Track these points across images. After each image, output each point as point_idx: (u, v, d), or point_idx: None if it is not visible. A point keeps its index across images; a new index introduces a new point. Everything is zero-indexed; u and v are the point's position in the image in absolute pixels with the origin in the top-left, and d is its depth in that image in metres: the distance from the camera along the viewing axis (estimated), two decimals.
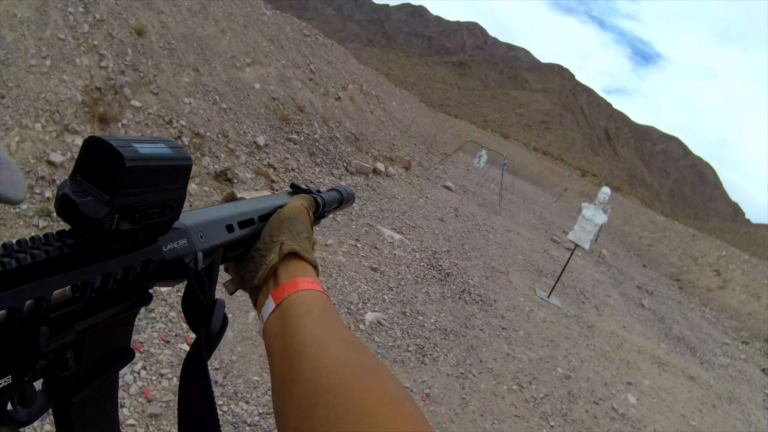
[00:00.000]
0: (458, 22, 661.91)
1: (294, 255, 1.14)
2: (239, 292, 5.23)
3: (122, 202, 0.72)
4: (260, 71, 16.56)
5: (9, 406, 0.73)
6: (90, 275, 0.74)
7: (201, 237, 1.03)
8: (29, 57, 9.01)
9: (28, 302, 0.65)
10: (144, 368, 5.55)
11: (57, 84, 9.15)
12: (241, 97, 14.52)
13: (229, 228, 1.12)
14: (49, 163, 7.96)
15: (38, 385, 0.80)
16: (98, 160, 0.71)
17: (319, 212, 1.44)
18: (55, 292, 0.69)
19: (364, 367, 0.84)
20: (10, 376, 0.68)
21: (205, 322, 0.92)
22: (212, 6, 15.82)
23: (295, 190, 1.44)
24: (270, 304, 1.04)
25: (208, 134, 11.93)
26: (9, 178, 0.75)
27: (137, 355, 5.63)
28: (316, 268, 1.17)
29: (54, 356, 0.75)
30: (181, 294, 0.94)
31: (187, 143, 11.10)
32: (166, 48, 12.59)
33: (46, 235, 0.71)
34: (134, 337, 5.85)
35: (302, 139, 15.87)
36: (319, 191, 1.47)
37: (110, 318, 0.83)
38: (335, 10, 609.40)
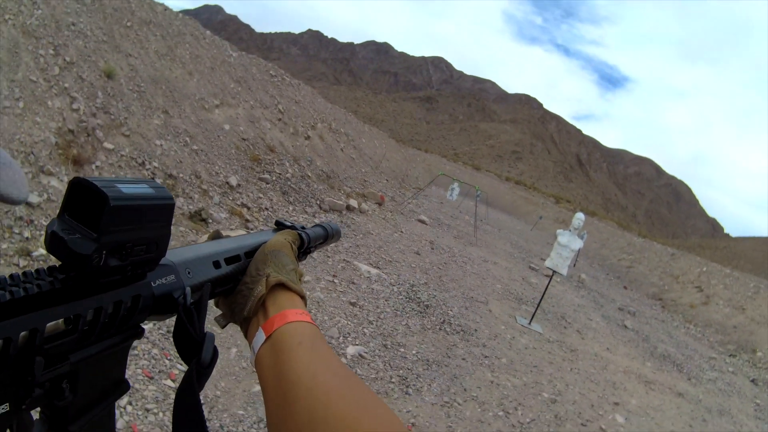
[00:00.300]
0: (423, 57, 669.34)
1: (281, 286, 1.15)
2: (223, 330, 5.22)
3: (109, 239, 0.74)
4: (229, 112, 16.63)
5: None
6: (82, 309, 0.76)
7: (189, 273, 1.04)
8: (2, 98, 9.07)
9: (23, 333, 0.66)
10: (130, 403, 5.58)
11: (31, 126, 9.20)
12: (212, 138, 14.55)
13: (216, 264, 1.14)
14: (27, 204, 7.96)
15: (37, 415, 0.82)
16: (84, 200, 0.74)
17: (304, 247, 1.45)
18: (49, 324, 0.70)
19: (357, 400, 0.84)
20: (7, 404, 0.68)
21: (196, 354, 0.94)
22: (179, 48, 15.89)
23: (280, 226, 1.45)
24: (261, 336, 1.04)
25: (181, 175, 11.94)
26: (12, 178, 0.80)
27: None
28: (303, 298, 1.18)
29: (50, 386, 0.76)
30: (164, 331, 0.93)
31: (159, 184, 11.09)
32: (136, 90, 12.65)
33: (38, 270, 0.73)
34: None
35: (274, 178, 15.91)
36: (303, 227, 1.50)
37: (104, 350, 0.84)
38: (300, 49, 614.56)
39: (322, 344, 1.01)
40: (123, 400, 5.54)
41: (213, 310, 1.15)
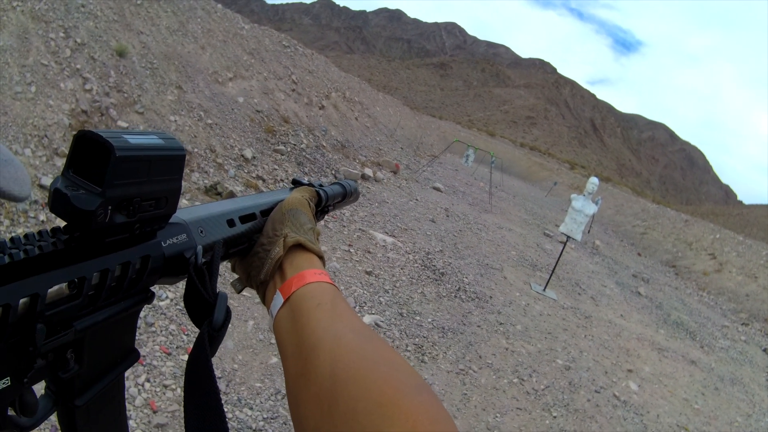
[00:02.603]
0: (436, 23, 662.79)
1: (299, 247, 1.13)
2: (237, 300, 5.24)
3: (115, 194, 0.71)
4: (243, 85, 16.59)
5: (10, 411, 0.72)
6: (86, 271, 0.73)
7: (201, 232, 1.01)
8: (14, 84, 9.00)
9: (23, 300, 0.64)
10: (148, 380, 5.57)
11: (43, 109, 9.15)
12: (226, 111, 14.54)
13: (230, 222, 1.11)
14: (41, 187, 7.93)
15: (42, 389, 0.81)
16: (89, 153, 0.71)
17: (322, 205, 1.41)
18: (51, 289, 0.68)
19: (380, 359, 0.83)
20: (9, 378, 0.67)
21: (208, 316, 0.91)
22: (190, 23, 15.84)
23: (296, 184, 1.41)
24: (279, 299, 1.03)
25: (196, 150, 11.95)
26: (13, 175, 0.76)
27: (140, 368, 5.69)
28: (322, 258, 1.16)
29: (54, 356, 0.74)
30: (181, 307, 0.95)
31: None
32: (149, 68, 12.62)
33: (40, 232, 0.71)
34: None
35: (289, 149, 15.90)
36: (321, 185, 1.45)
37: (111, 316, 0.81)
38: (313, 19, 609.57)
39: (343, 304, 0.99)
40: (141, 377, 5.57)
41: (230, 276, 1.19)
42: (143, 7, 14.02)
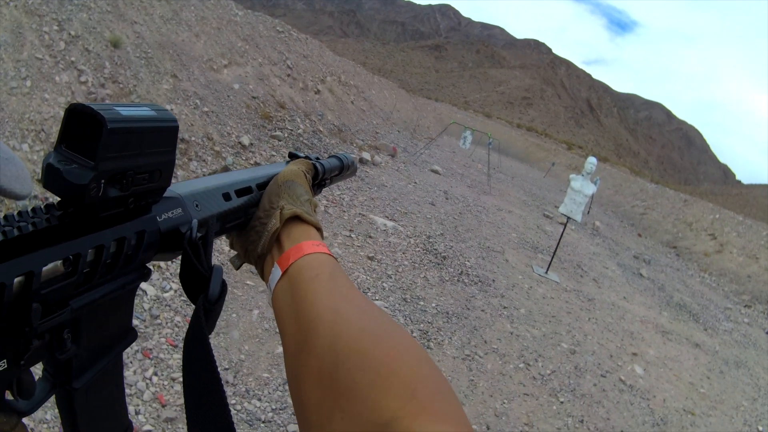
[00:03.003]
0: (430, 5, 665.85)
1: (296, 219, 1.12)
2: (241, 289, 5.17)
3: (107, 167, 0.71)
4: (238, 71, 16.59)
5: (9, 396, 0.71)
6: (81, 248, 0.72)
7: (197, 206, 1.01)
8: (9, 79, 9.02)
9: (18, 278, 0.63)
10: (155, 374, 5.58)
11: (39, 103, 9.15)
12: (222, 98, 14.54)
13: (226, 196, 1.11)
14: (40, 182, 7.93)
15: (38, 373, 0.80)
16: (81, 127, 0.70)
17: (319, 179, 1.41)
18: (47, 267, 0.67)
19: (380, 330, 0.83)
20: (5, 360, 0.66)
21: (204, 290, 0.90)
22: (184, 11, 15.83)
23: (293, 157, 1.40)
24: (276, 272, 1.02)
25: (193, 138, 11.94)
26: (14, 173, 0.75)
27: (148, 361, 5.70)
28: (319, 230, 1.15)
29: (50, 337, 0.72)
30: (185, 298, 0.89)
31: None
32: (143, 57, 12.60)
33: (33, 209, 0.70)
34: (143, 344, 5.95)
35: (286, 135, 15.90)
36: (318, 158, 1.44)
37: (108, 294, 0.81)
38: (306, 4, 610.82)
39: (342, 276, 0.99)
40: (148, 371, 5.56)
41: (228, 253, 1.13)
42: None
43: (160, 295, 6.79)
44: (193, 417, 0.82)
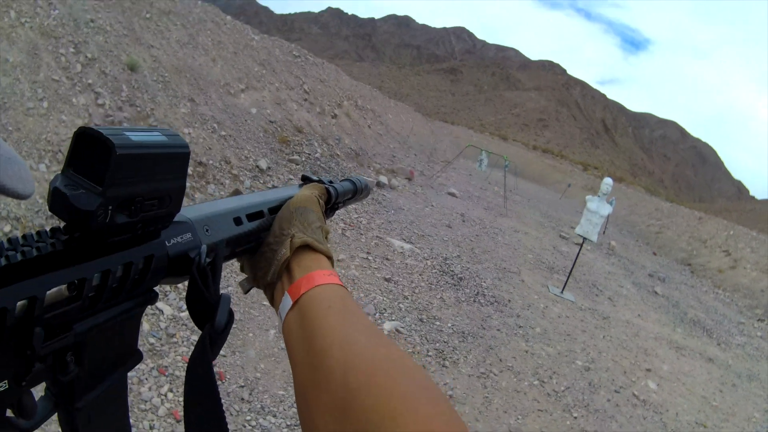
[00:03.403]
0: (445, 28, 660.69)
1: (307, 247, 1.10)
2: (257, 309, 5.28)
3: (116, 193, 0.70)
4: (255, 96, 16.65)
5: (9, 413, 0.70)
6: (87, 272, 0.71)
7: (207, 230, 0.99)
8: (26, 100, 9.06)
9: (21, 303, 0.62)
10: (170, 390, 5.61)
11: (56, 125, 9.20)
12: (239, 123, 14.59)
13: (237, 221, 1.09)
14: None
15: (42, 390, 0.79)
16: (90, 151, 0.70)
17: (332, 203, 1.38)
18: (50, 291, 0.66)
19: (394, 366, 0.81)
20: (6, 381, 0.66)
21: (210, 317, 0.89)
22: (200, 36, 15.92)
23: (306, 180, 1.39)
24: (287, 301, 1.01)
25: (211, 162, 12.00)
26: (17, 173, 0.74)
27: (163, 378, 5.74)
28: (330, 258, 1.13)
29: (53, 359, 0.72)
30: None
31: (191, 172, 11.11)
32: (160, 81, 12.68)
33: (39, 232, 0.70)
34: (159, 361, 6.00)
35: (303, 159, 15.93)
36: (331, 182, 1.42)
37: (112, 318, 0.80)
38: (321, 28, 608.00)
39: (354, 307, 0.97)
40: (164, 387, 5.61)
41: (239, 275, 1.20)
42: (152, 20, 14.12)
43: (177, 315, 6.89)
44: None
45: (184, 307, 6.96)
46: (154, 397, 5.46)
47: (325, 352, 0.86)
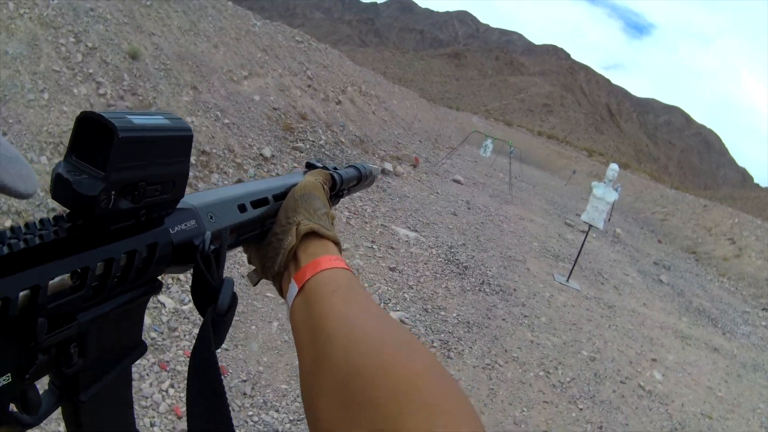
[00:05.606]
0: (448, 12, 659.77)
1: (313, 234, 1.10)
2: (261, 301, 5.23)
3: (118, 178, 0.69)
4: (258, 82, 16.62)
5: (13, 408, 0.69)
6: (90, 261, 0.70)
7: (211, 217, 0.98)
8: (26, 92, 9.04)
9: (23, 292, 0.61)
10: (172, 386, 5.57)
11: (57, 116, 9.17)
12: (242, 110, 14.57)
13: (242, 208, 1.08)
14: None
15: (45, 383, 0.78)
16: (92, 136, 0.69)
17: (336, 189, 1.38)
18: (53, 280, 0.65)
19: (399, 346, 0.80)
20: (9, 374, 0.64)
21: (213, 302, 0.89)
22: (202, 22, 15.87)
23: (310, 167, 1.37)
24: (293, 288, 1.00)
25: (214, 150, 11.97)
26: (19, 172, 0.74)
27: (164, 373, 5.70)
28: (337, 244, 1.13)
29: (56, 351, 0.70)
30: None
31: (194, 161, 11.07)
32: (162, 69, 12.65)
33: (41, 220, 0.68)
34: (160, 356, 5.95)
35: (308, 146, 15.91)
36: (336, 168, 1.42)
37: (116, 308, 0.79)
38: (324, 13, 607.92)
39: (359, 290, 0.97)
40: (165, 383, 5.57)
41: (242, 267, 1.15)
42: (153, 8, 14.06)
43: (179, 308, 6.84)
44: (194, 417, 0.82)
45: (187, 300, 7.00)
46: (155, 393, 5.41)
47: (329, 333, 0.86)
